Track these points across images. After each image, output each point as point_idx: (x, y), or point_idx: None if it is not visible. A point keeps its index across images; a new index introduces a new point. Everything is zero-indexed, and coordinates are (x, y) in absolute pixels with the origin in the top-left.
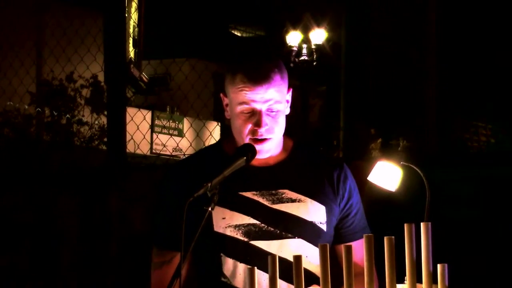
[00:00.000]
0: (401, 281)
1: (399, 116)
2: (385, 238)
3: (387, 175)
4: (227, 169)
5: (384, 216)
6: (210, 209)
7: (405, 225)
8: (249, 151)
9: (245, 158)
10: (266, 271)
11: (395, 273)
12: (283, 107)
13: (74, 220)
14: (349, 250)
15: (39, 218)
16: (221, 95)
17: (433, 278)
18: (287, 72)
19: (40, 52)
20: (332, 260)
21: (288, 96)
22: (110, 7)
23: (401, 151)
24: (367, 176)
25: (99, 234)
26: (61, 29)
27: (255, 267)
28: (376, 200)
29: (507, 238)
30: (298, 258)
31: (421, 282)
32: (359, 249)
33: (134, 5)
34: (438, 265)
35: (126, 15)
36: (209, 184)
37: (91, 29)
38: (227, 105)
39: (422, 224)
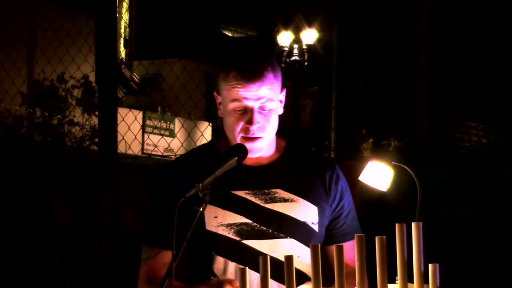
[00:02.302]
0: (393, 281)
1: (390, 116)
2: (376, 238)
3: (378, 175)
4: (219, 169)
5: (375, 216)
6: (201, 209)
7: (396, 225)
8: (241, 151)
9: (236, 158)
10: (257, 270)
11: (387, 273)
12: (276, 105)
13: (65, 220)
14: (340, 250)
15: (31, 219)
16: (214, 93)
17: (424, 278)
18: (280, 71)
19: (31, 53)
20: (323, 261)
21: (282, 96)
22: (101, 7)
23: (392, 151)
24: (359, 176)
25: (91, 234)
26: (52, 30)
27: (247, 267)
28: (368, 200)
29: (498, 238)
30: (289, 258)
31: (412, 282)
32: (350, 250)
33: (125, 5)
34: (430, 265)
35: (117, 15)
36: (201, 185)
37: (82, 30)
38: (220, 103)
39: (413, 224)
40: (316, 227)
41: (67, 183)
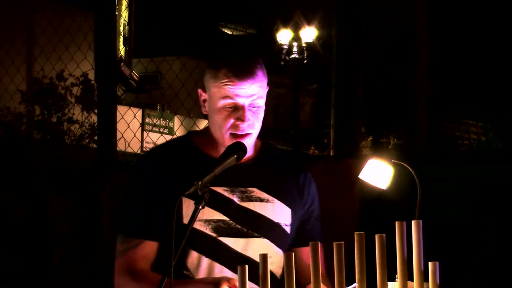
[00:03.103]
0: (393, 279)
1: (390, 114)
2: (376, 236)
3: (378, 173)
4: (218, 167)
5: (375, 214)
6: (200, 207)
7: (396, 223)
8: (240, 149)
9: (235, 156)
10: (230, 268)
11: (386, 271)
12: (264, 103)
13: (64, 218)
14: (339, 248)
15: (30, 217)
16: (199, 90)
17: (424, 276)
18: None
19: (30, 51)
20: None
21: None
22: (100, 5)
23: (392, 149)
24: (358, 174)
25: (89, 232)
26: (51, 28)
27: (246, 266)
28: (367, 198)
29: (497, 237)
30: (289, 256)
31: (412, 280)
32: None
33: (124, 3)
34: (429, 263)
35: (117, 13)
36: (200, 182)
37: (81, 28)
38: (204, 100)
39: (413, 222)
40: (288, 229)
41: (66, 181)
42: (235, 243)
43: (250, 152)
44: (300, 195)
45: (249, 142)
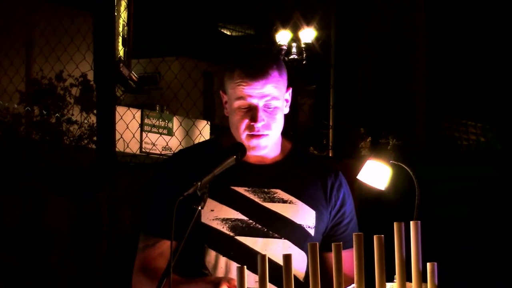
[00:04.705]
0: (391, 280)
1: (388, 114)
2: (375, 237)
3: (376, 173)
4: (217, 168)
5: (374, 214)
6: (200, 208)
7: (395, 224)
8: (239, 150)
9: (235, 157)
10: (247, 267)
11: (385, 271)
12: (281, 104)
13: (63, 219)
14: (338, 248)
15: (29, 217)
16: (220, 92)
17: (422, 277)
18: (286, 71)
19: (29, 51)
20: (321, 269)
21: (287, 95)
22: (99, 6)
23: (390, 149)
24: (357, 174)
25: (89, 233)
26: (50, 28)
27: (245, 266)
28: (366, 199)
29: (496, 237)
30: (288, 258)
31: (410, 280)
32: (349, 258)
33: (123, 3)
34: (428, 264)
35: (116, 14)
36: (199, 183)
37: (80, 28)
38: (226, 102)
39: (411, 223)
40: (312, 231)
41: (65, 182)
42: (254, 243)
43: (277, 153)
44: (327, 199)
45: (266, 143)
